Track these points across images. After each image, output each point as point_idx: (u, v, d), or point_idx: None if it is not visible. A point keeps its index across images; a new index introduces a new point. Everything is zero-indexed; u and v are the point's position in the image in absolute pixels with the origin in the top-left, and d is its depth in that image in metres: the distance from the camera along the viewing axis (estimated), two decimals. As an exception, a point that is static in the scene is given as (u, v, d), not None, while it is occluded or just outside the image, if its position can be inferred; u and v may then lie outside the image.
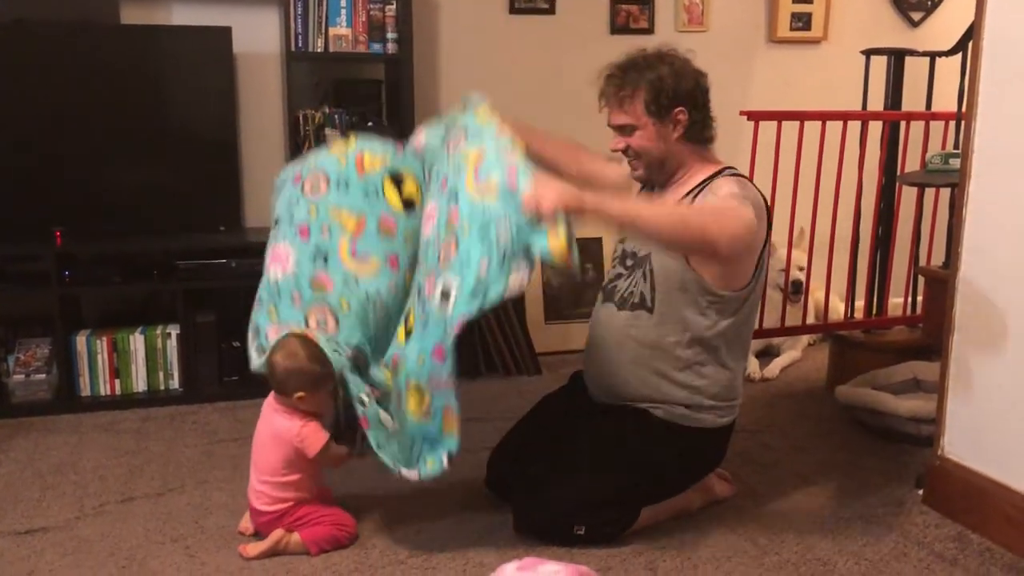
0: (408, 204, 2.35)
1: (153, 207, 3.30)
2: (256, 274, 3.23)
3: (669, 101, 2.12)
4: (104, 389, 3.18)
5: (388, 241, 2.30)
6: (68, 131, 3.21)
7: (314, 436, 2.11)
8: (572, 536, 2.11)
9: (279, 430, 2.14)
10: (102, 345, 3.16)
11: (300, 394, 2.11)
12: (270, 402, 2.19)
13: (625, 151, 2.21)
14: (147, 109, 3.26)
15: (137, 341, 3.19)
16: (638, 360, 2.19)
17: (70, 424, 2.99)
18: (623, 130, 2.18)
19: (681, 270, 2.13)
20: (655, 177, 2.25)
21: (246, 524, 2.22)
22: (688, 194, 2.18)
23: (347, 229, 2.27)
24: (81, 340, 3.14)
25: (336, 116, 3.35)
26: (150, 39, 3.23)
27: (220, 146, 3.35)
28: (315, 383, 2.11)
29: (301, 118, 3.32)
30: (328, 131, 3.33)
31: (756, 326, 3.41)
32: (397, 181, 2.35)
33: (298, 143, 3.32)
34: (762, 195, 2.16)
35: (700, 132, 2.19)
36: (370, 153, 2.36)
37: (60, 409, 3.09)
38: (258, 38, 3.45)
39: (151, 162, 3.29)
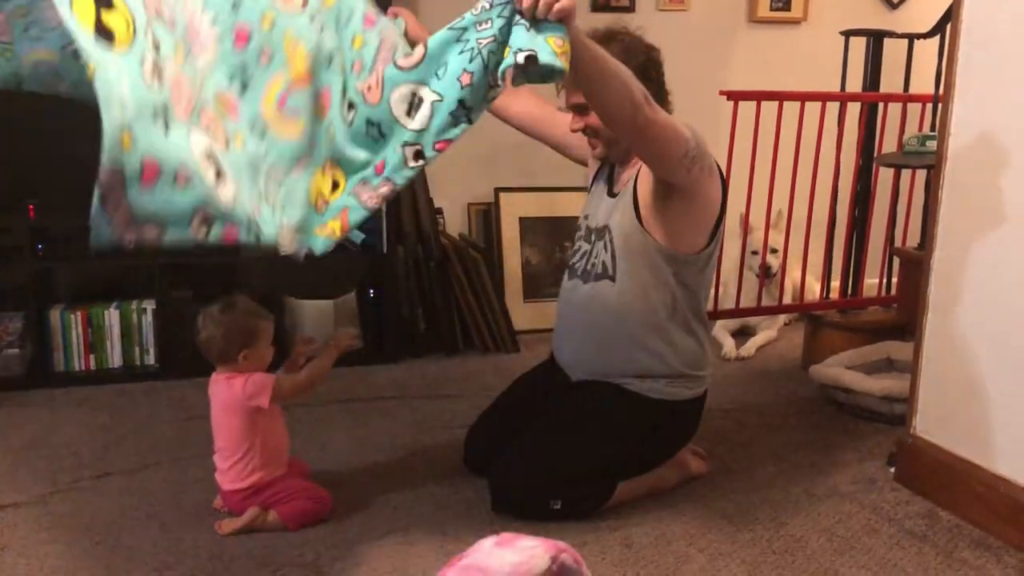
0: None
1: (128, 181, 3.26)
2: (232, 249, 3.21)
3: None
4: (79, 364, 3.16)
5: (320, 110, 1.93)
6: (40, 102, 3.14)
7: (261, 384, 2.11)
8: (548, 511, 2.13)
9: (225, 398, 2.14)
10: (77, 320, 3.13)
11: (245, 352, 2.12)
12: (213, 379, 2.19)
13: (584, 130, 2.23)
14: (122, 81, 3.21)
15: (112, 316, 3.17)
16: (605, 329, 2.20)
17: (44, 399, 2.97)
18: (580, 109, 2.19)
19: (638, 233, 2.16)
20: (614, 154, 2.27)
21: (221, 501, 2.21)
22: None
23: (291, 73, 1.86)
24: (55, 315, 3.11)
25: (314, 91, 3.31)
26: (124, 10, 3.18)
27: (196, 120, 3.30)
28: (256, 334, 2.14)
29: (279, 92, 3.28)
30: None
31: (733, 305, 3.45)
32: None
33: (276, 118, 3.28)
34: (719, 166, 2.18)
35: None
36: None
37: (33, 384, 3.06)
38: (235, 10, 3.39)
39: (126, 135, 3.24)
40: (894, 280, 3.52)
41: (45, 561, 1.98)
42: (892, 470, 2.46)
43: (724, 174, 2.21)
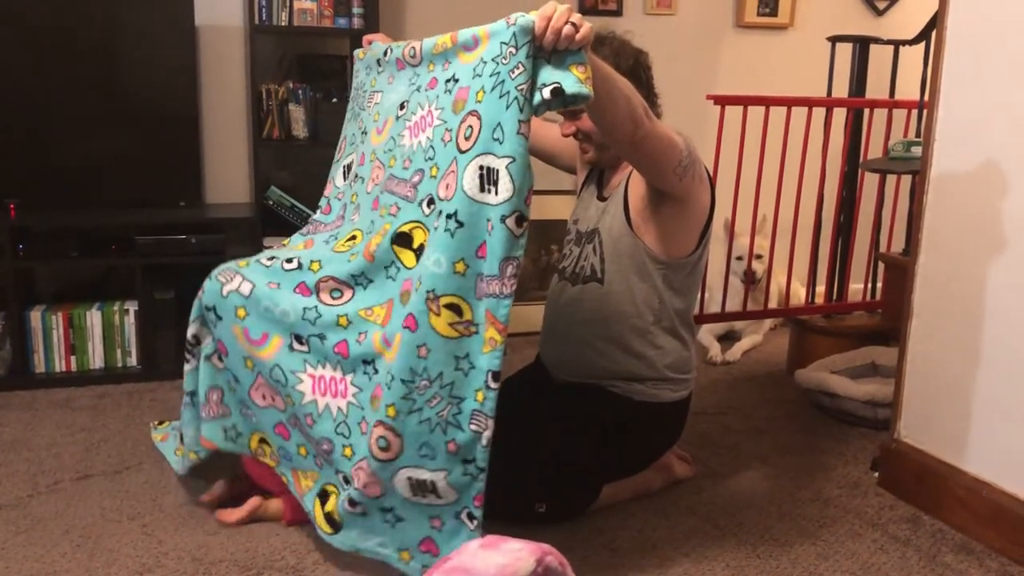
0: None
1: (112, 180, 3.24)
2: (216, 251, 3.20)
3: None
4: (59, 366, 3.13)
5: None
6: (23, 101, 3.13)
7: None
8: (533, 514, 2.12)
9: None
10: (58, 321, 3.10)
11: None
12: None
13: (575, 135, 2.23)
14: (106, 80, 3.19)
15: (94, 317, 3.14)
16: (592, 332, 2.21)
17: (24, 401, 2.93)
18: (571, 114, 2.20)
19: (627, 236, 2.16)
20: (605, 159, 2.28)
21: (212, 494, 2.20)
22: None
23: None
24: (36, 315, 3.08)
25: (300, 91, 3.30)
26: (110, 8, 3.16)
27: (181, 119, 3.29)
28: None
29: (264, 92, 3.27)
30: (291, 106, 3.29)
31: (719, 310, 3.46)
32: None
33: (260, 118, 3.27)
34: (708, 171, 2.19)
35: None
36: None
37: (13, 386, 3.03)
38: (221, 10, 3.38)
39: (110, 134, 3.22)
40: (879, 285, 3.54)
41: (24, 564, 1.95)
42: (876, 474, 2.46)
43: (712, 180, 2.21)
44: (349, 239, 2.12)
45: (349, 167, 2.36)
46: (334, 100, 3.32)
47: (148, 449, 2.56)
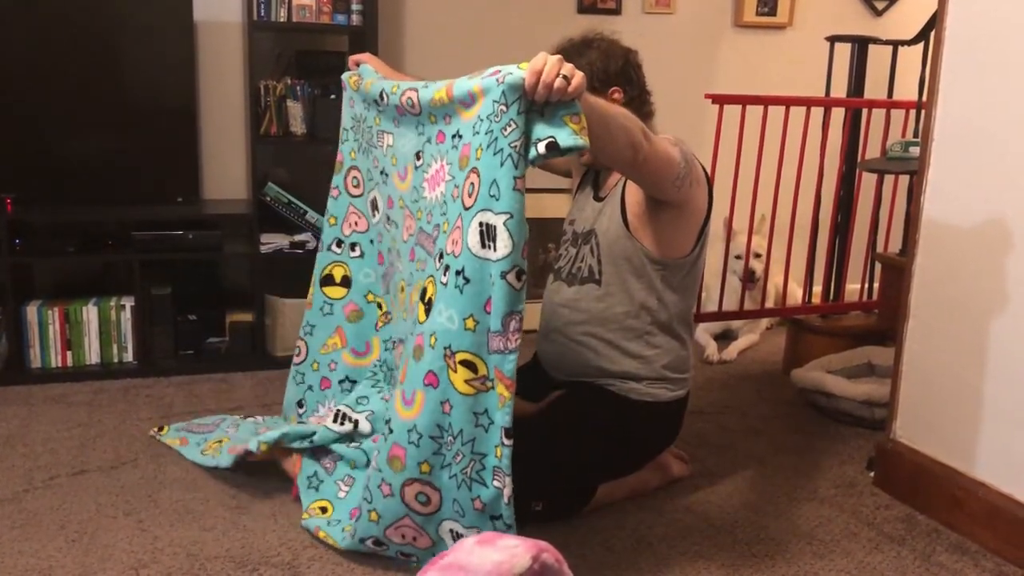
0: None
1: (109, 176, 3.23)
2: (213, 247, 3.20)
3: (602, 84, 2.15)
4: (55, 361, 3.12)
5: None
6: (21, 95, 3.12)
7: None
8: (530, 512, 2.12)
9: None
10: (54, 316, 3.09)
11: None
12: None
13: None
14: (104, 75, 3.18)
15: (90, 312, 3.13)
16: (589, 332, 2.20)
17: (19, 396, 2.93)
18: None
19: (625, 239, 2.16)
20: (600, 161, 2.27)
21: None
22: None
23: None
24: (32, 310, 3.08)
25: (298, 87, 3.30)
26: (109, 3, 3.14)
27: (179, 115, 3.28)
28: None
29: (262, 88, 3.26)
30: (289, 103, 3.29)
31: (716, 309, 3.46)
32: None
33: (259, 114, 3.26)
34: (704, 169, 2.19)
35: (639, 108, 2.21)
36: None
37: (9, 381, 3.03)
38: (219, 6, 3.38)
39: (107, 130, 3.22)
40: (875, 285, 3.54)
41: (20, 559, 1.95)
42: (872, 474, 2.47)
43: (710, 178, 2.21)
44: (400, 290, 2.17)
45: (375, 204, 2.35)
46: (332, 97, 3.31)
47: (144, 445, 2.56)
